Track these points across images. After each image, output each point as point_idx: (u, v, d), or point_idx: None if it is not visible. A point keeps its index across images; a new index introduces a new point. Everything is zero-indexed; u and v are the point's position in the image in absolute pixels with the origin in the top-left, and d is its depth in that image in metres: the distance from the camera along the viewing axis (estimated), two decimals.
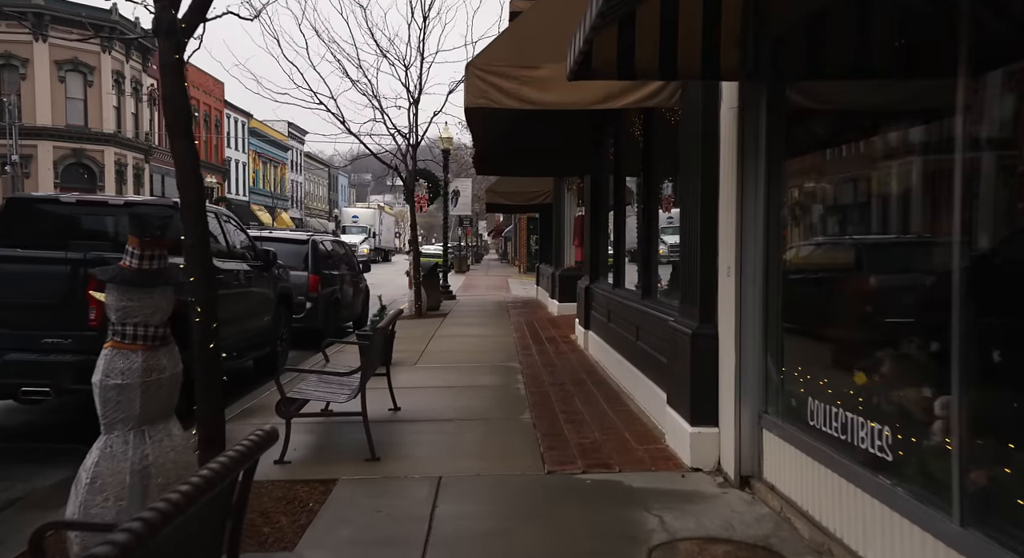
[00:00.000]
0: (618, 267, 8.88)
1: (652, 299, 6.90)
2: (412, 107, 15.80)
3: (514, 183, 17.82)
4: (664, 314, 6.06)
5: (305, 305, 11.64)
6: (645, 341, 6.68)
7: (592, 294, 10.19)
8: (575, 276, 15.20)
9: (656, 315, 6.33)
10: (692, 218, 5.04)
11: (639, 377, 6.80)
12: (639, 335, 6.96)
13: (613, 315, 8.47)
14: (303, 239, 12.10)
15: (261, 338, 8.98)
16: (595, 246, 10.54)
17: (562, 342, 11.34)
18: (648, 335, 6.57)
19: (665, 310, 6.15)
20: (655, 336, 6.27)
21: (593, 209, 10.56)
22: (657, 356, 6.11)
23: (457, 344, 11.34)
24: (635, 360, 7.05)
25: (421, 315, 15.72)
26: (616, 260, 8.90)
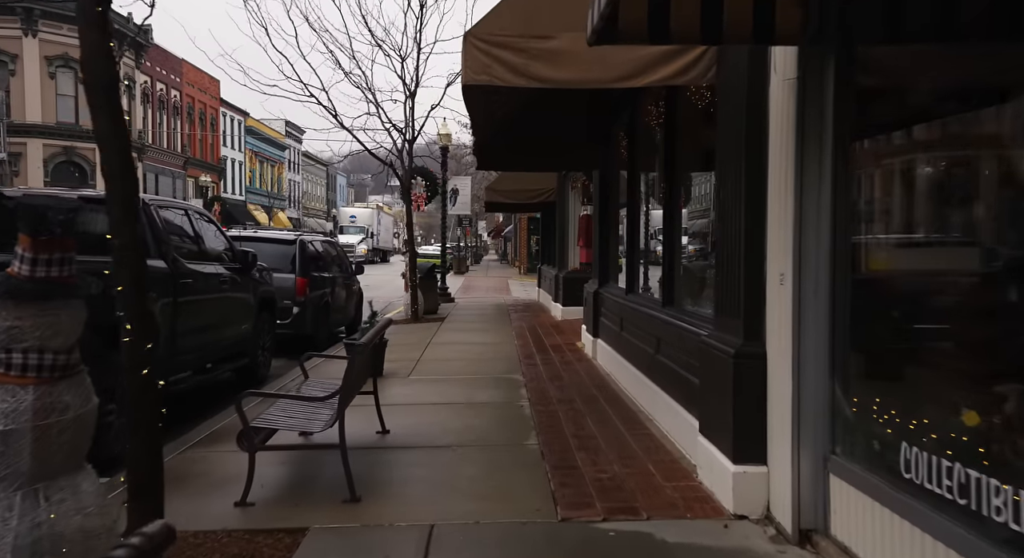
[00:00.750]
0: (632, 270, 8.07)
1: (676, 308, 6.09)
2: (408, 100, 15.01)
3: (515, 181, 17.01)
4: (693, 327, 5.25)
5: (292, 310, 10.83)
6: (668, 355, 5.87)
7: (602, 299, 9.38)
8: (580, 279, 14.41)
9: (682, 327, 5.52)
10: (732, 216, 4.23)
11: (660, 396, 5.99)
12: (660, 348, 6.15)
13: (627, 324, 7.66)
14: (290, 239, 11.29)
15: (240, 347, 8.17)
16: (604, 247, 9.73)
17: (568, 351, 10.53)
18: (672, 349, 5.76)
19: (694, 322, 5.34)
20: (681, 351, 5.46)
21: (602, 207, 9.75)
22: (684, 375, 5.30)
23: (455, 352, 10.53)
24: (655, 376, 6.24)
25: (417, 319, 14.92)
26: (629, 263, 8.09)
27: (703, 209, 6.42)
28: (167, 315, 6.10)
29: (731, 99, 4.28)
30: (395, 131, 14.94)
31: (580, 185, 15.40)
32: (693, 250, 6.51)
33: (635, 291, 7.92)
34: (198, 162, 48.17)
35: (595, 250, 10.15)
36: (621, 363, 7.80)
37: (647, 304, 6.94)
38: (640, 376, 6.80)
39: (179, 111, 46.68)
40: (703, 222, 6.48)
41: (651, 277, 7.87)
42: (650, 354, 6.39)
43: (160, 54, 42.86)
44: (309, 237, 12.22)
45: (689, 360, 5.25)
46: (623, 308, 7.88)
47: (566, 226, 15.91)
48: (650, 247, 8.02)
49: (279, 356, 10.88)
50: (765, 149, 3.94)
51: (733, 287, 4.20)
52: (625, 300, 7.87)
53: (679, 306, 6.11)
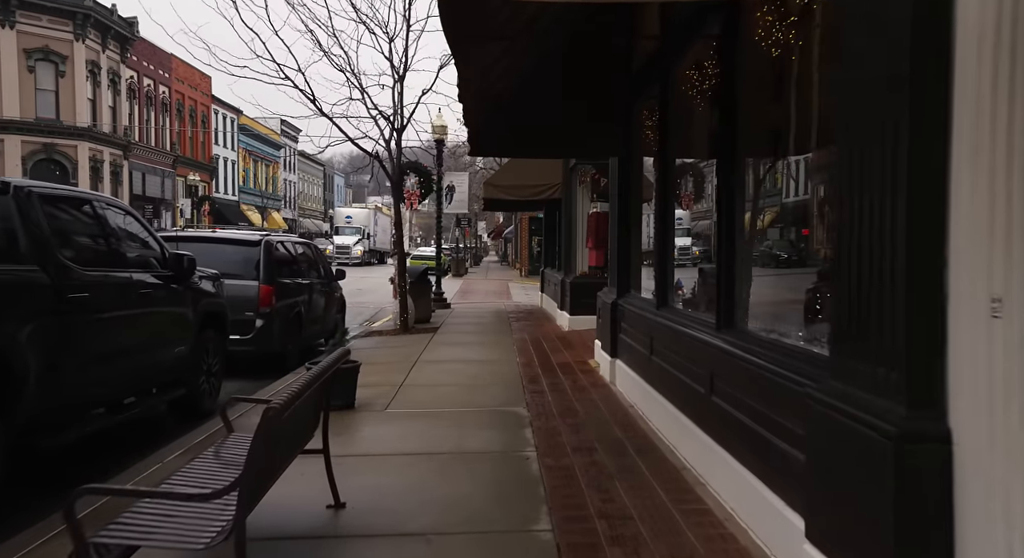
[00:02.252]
0: (664, 278, 6.42)
1: (739, 333, 4.45)
2: (397, 84, 13.38)
3: (516, 175, 15.37)
4: (776, 365, 3.62)
5: (255, 323, 9.20)
6: (730, 399, 4.23)
7: (622, 312, 7.75)
8: (590, 284, 12.77)
9: (754, 363, 3.88)
10: (870, 199, 2.59)
11: (718, 455, 4.35)
12: (714, 386, 4.52)
13: (661, 347, 6.03)
14: (253, 240, 9.65)
15: (173, 374, 6.54)
16: (624, 250, 8.09)
17: (579, 371, 8.89)
18: (737, 391, 4.13)
19: (777, 358, 3.70)
20: (755, 398, 3.82)
21: (622, 202, 8.11)
22: (765, 435, 3.66)
23: (446, 374, 8.88)
24: (710, 425, 4.60)
25: (407, 330, 13.28)
26: (661, 269, 6.45)
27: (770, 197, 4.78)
28: (41, 340, 4.46)
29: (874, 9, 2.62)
30: (382, 119, 13.31)
31: (589, 179, 13.77)
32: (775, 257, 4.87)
33: (670, 305, 6.28)
34: (188, 161, 46.55)
35: (612, 253, 8.51)
36: (652, 396, 6.17)
37: (692, 324, 5.29)
38: (683, 420, 5.16)
39: (168, 108, 45.07)
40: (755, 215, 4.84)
41: (691, 287, 6.23)
42: (700, 394, 4.75)
43: (148, 48, 41.25)
44: (278, 238, 10.58)
45: (770, 413, 3.62)
46: (654, 326, 6.24)
47: (573, 225, 14.27)
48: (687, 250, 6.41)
49: (242, 377, 9.27)
50: (947, 86, 2.31)
51: (876, 314, 2.55)
52: (657, 316, 6.23)
53: (743, 330, 4.47)
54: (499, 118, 7.63)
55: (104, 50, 37.20)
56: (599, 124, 8.03)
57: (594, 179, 13.77)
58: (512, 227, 51.59)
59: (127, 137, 39.12)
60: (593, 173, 13.71)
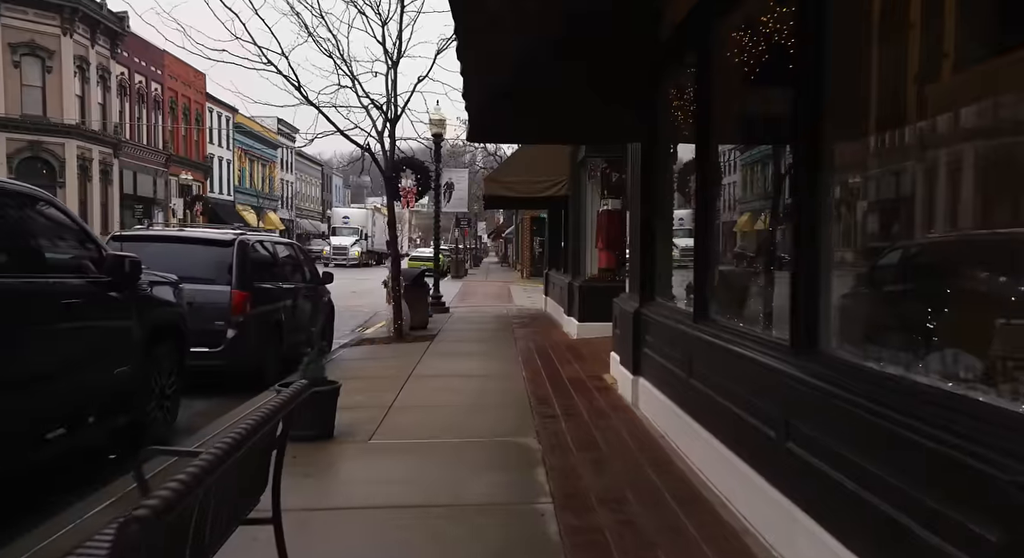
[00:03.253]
0: (703, 285, 5.32)
1: (826, 361, 3.34)
2: (390, 71, 12.30)
3: (520, 170, 14.28)
4: (896, 413, 2.52)
5: (226, 334, 8.10)
6: (820, 452, 3.13)
7: (645, 324, 6.66)
8: (601, 289, 11.69)
9: (852, 403, 2.79)
10: None
11: (802, 524, 3.25)
12: (791, 431, 3.42)
13: (702, 368, 4.94)
14: (226, 240, 8.53)
15: (115, 398, 5.45)
16: (648, 250, 6.99)
17: (595, 389, 7.80)
18: (831, 440, 3.03)
19: (890, 401, 2.60)
20: (868, 457, 2.73)
21: (646, 195, 7.01)
22: (868, 503, 2.56)
23: (443, 392, 7.79)
24: (784, 480, 3.50)
25: (401, 337, 12.19)
26: (700, 275, 5.35)
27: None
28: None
29: None
30: (374, 109, 12.23)
31: (599, 174, 12.69)
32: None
33: (712, 317, 5.18)
34: (182, 160, 45.45)
35: (633, 254, 7.41)
36: (690, 427, 5.07)
37: (752, 344, 4.19)
38: (740, 466, 4.06)
39: (160, 105, 43.98)
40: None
41: (739, 296, 5.14)
42: (768, 438, 3.65)
43: (139, 44, 40.16)
44: (255, 237, 9.48)
45: (882, 474, 2.53)
46: (693, 343, 5.15)
47: (582, 224, 13.18)
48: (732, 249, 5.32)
49: (212, 395, 8.18)
50: None
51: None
52: (697, 330, 5.13)
53: (831, 355, 3.36)
54: (504, 98, 6.54)
55: (93, 45, 36.11)
56: (618, 104, 6.94)
57: (604, 174, 12.69)
58: (513, 227, 50.52)
59: (117, 135, 38.00)
60: (604, 167, 12.63)
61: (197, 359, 7.88)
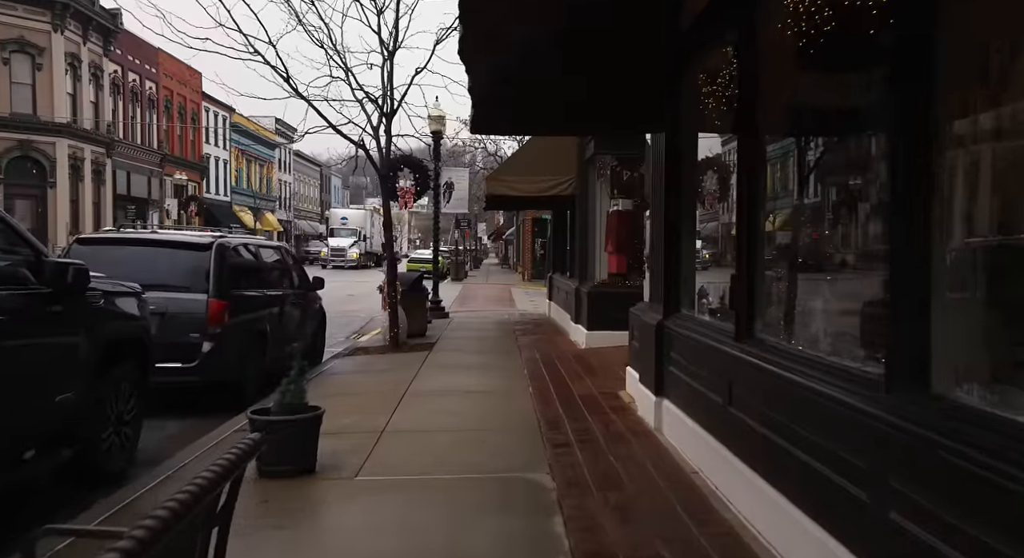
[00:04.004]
0: (746, 296, 4.52)
1: (940, 406, 2.54)
2: (386, 63, 11.53)
3: (524, 169, 13.49)
4: None
5: (201, 347, 7.31)
6: (935, 527, 2.34)
7: (670, 338, 5.87)
8: (611, 295, 10.93)
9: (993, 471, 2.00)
10: None
11: None
12: (894, 500, 2.62)
13: (747, 396, 4.15)
14: (203, 243, 7.73)
15: (59, 429, 4.66)
16: (672, 254, 6.19)
17: (610, 409, 7.01)
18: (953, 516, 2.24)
19: None
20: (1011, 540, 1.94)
21: (670, 192, 6.22)
22: None
23: (441, 414, 6.98)
24: (879, 554, 2.70)
25: (397, 347, 11.40)
26: (744, 284, 4.55)
27: None
28: None
29: None
30: (369, 102, 11.45)
31: (609, 172, 11.91)
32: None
33: (755, 336, 4.39)
34: (177, 160, 44.63)
35: (655, 259, 6.61)
36: (732, 465, 4.28)
37: (820, 374, 3.39)
38: (807, 525, 3.26)
39: (155, 104, 43.19)
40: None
41: (798, 311, 4.35)
42: (854, 500, 2.85)
43: (133, 42, 39.32)
44: (237, 240, 8.68)
45: None
46: (734, 366, 4.36)
47: (589, 226, 12.39)
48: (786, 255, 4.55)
49: (188, 414, 7.42)
50: None
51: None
52: (739, 351, 4.34)
53: (949, 399, 2.57)
54: (510, 84, 5.75)
55: (85, 42, 35.31)
56: (638, 90, 6.16)
57: (615, 172, 11.91)
58: (513, 228, 49.75)
59: (110, 134, 37.22)
60: (614, 165, 11.86)
61: (169, 375, 7.14)
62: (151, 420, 6.87)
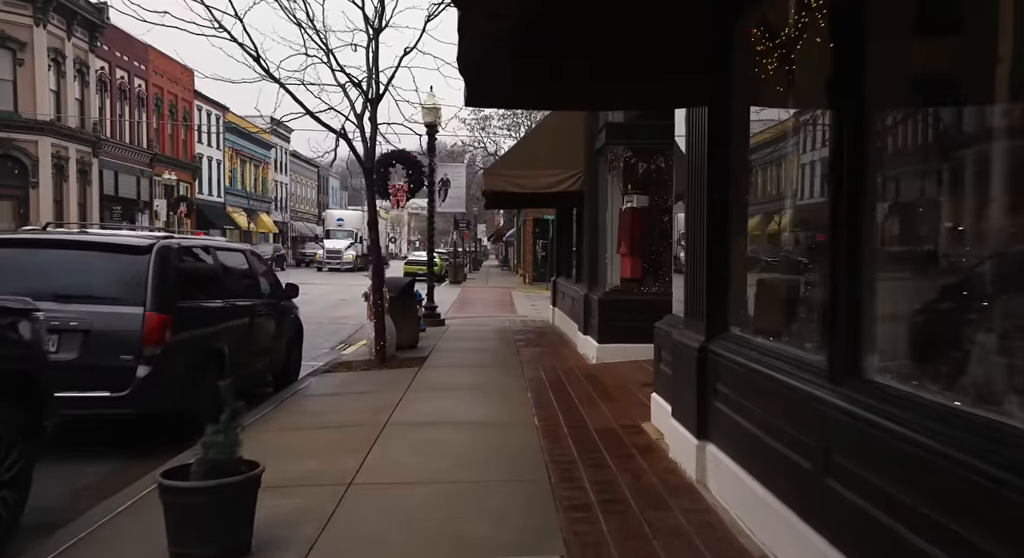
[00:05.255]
0: (846, 316, 3.18)
1: None
2: (371, 42, 10.23)
3: (526, 162, 12.17)
4: None
5: (135, 372, 5.98)
6: None
7: (718, 367, 4.55)
8: (626, 303, 9.65)
9: None
10: None
11: None
12: None
13: (859, 466, 2.84)
14: (141, 245, 6.39)
15: None
16: (717, 259, 4.87)
17: (635, 448, 5.69)
18: None
19: None
20: None
21: (715, 179, 4.90)
22: None
23: (427, 456, 5.63)
24: None
25: (384, 362, 10.08)
26: (849, 289, 3.20)
27: None
28: None
29: None
30: (352, 86, 10.16)
31: (623, 165, 10.59)
32: None
33: (864, 375, 3.05)
34: (168, 160, 43.32)
35: (695, 263, 5.26)
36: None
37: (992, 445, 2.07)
38: None
39: (145, 102, 41.87)
40: None
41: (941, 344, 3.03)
42: None
43: (121, 38, 38.07)
44: (190, 242, 7.35)
45: None
46: (825, 415, 3.05)
47: (600, 225, 11.07)
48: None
49: (110, 455, 6.13)
50: None
51: None
52: (836, 397, 3.03)
53: None
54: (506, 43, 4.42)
55: (70, 37, 34.00)
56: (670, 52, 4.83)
57: (629, 164, 10.60)
58: (514, 229, 48.44)
59: (96, 133, 35.90)
60: (628, 156, 10.54)
61: (92, 407, 5.88)
62: (67, 465, 5.59)
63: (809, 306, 3.97)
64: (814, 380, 3.33)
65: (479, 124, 46.75)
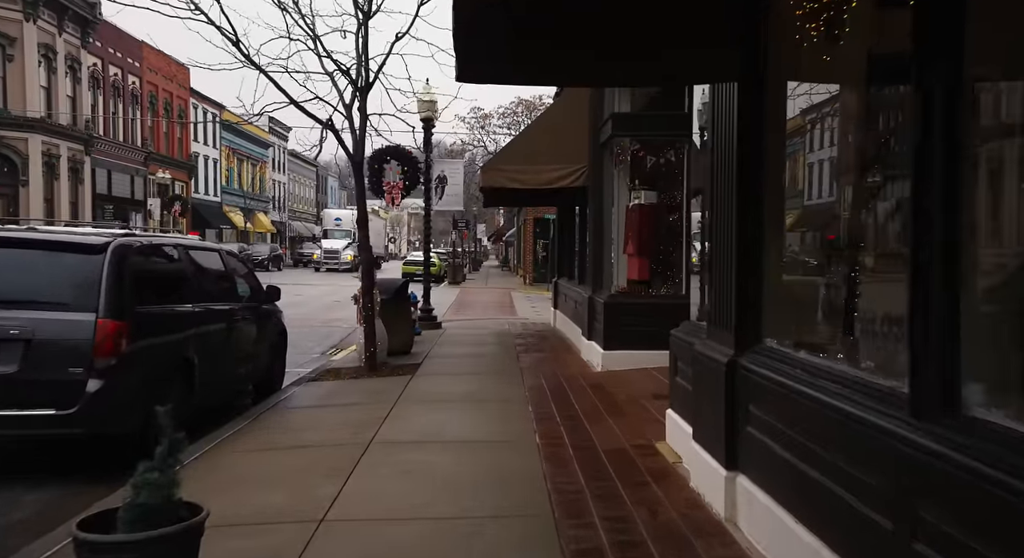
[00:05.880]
0: (949, 327, 2.50)
1: None
2: (361, 27, 9.55)
3: (526, 156, 11.48)
4: None
5: (85, 386, 5.30)
6: None
7: (751, 386, 3.86)
8: (634, 306, 8.99)
9: None
10: None
11: None
12: None
13: (960, 533, 2.14)
14: (95, 244, 5.70)
15: None
16: (750, 259, 4.18)
17: (649, 472, 5.00)
18: None
19: None
20: None
21: (745, 167, 4.21)
22: None
23: (413, 487, 4.92)
24: None
25: (374, 369, 9.40)
26: (942, 300, 2.52)
27: None
28: None
29: None
30: (340, 74, 9.47)
31: (630, 158, 9.91)
32: None
33: (964, 413, 2.36)
34: (163, 158, 42.63)
35: (721, 263, 4.56)
36: None
37: None
38: None
39: (139, 100, 41.19)
40: None
41: None
42: None
43: (114, 34, 37.43)
44: (154, 240, 6.67)
45: None
46: (911, 462, 2.36)
47: (605, 223, 10.38)
48: None
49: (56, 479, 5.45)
50: None
51: None
52: (928, 438, 2.33)
53: None
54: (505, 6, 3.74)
55: (61, 33, 33.32)
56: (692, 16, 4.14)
57: (636, 158, 9.93)
58: (514, 229, 47.76)
59: (89, 130, 35.20)
60: (636, 149, 9.86)
61: (35, 427, 5.24)
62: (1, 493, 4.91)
63: (870, 317, 3.28)
64: (890, 413, 2.65)
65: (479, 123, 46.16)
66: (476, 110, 46.48)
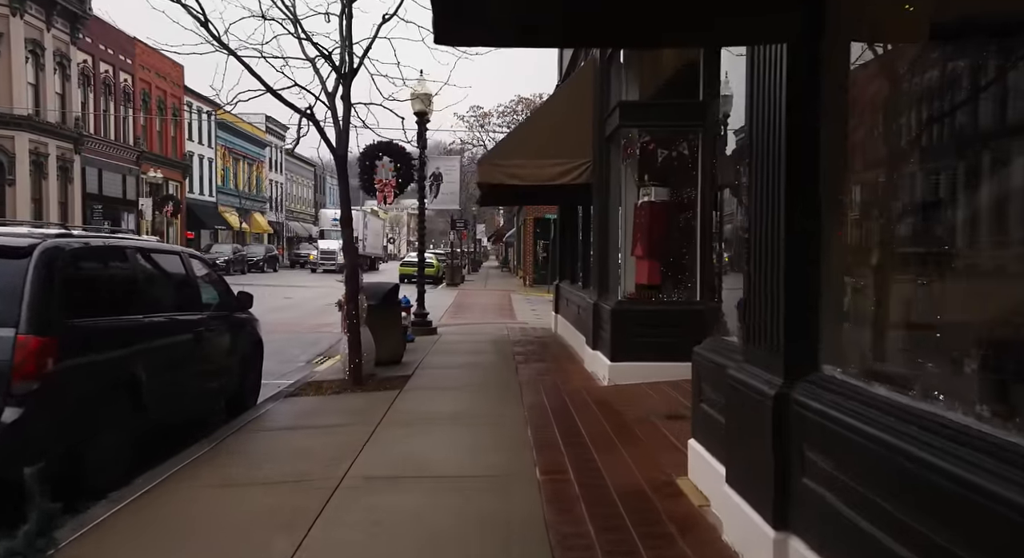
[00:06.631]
0: None
1: None
2: (345, 8, 8.71)
3: (526, 150, 10.61)
4: None
5: (0, 415, 4.45)
6: None
7: (811, 429, 3.00)
8: (644, 314, 8.16)
9: None
10: None
11: None
12: None
13: None
14: (17, 246, 4.85)
15: None
16: (802, 260, 3.34)
17: (673, 523, 4.14)
18: None
19: None
20: None
21: (795, 147, 3.36)
22: None
23: (387, 536, 4.06)
24: None
25: (359, 383, 8.55)
26: None
27: None
28: None
29: None
30: (323, 60, 8.63)
31: (639, 152, 9.04)
32: None
33: None
34: (157, 157, 41.81)
35: (761, 271, 3.71)
36: None
37: None
38: None
39: (131, 98, 40.34)
40: None
41: None
42: None
43: (105, 30, 36.56)
44: (96, 241, 5.80)
45: None
46: None
47: (611, 223, 9.53)
48: None
49: None
50: None
51: None
52: None
53: None
54: None
55: (49, 28, 32.47)
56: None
57: (646, 151, 9.06)
58: (514, 229, 46.92)
59: (79, 128, 34.36)
60: (645, 142, 9.00)
61: None
62: None
63: (986, 340, 2.43)
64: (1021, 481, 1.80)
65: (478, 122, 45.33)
66: (475, 108, 45.70)
